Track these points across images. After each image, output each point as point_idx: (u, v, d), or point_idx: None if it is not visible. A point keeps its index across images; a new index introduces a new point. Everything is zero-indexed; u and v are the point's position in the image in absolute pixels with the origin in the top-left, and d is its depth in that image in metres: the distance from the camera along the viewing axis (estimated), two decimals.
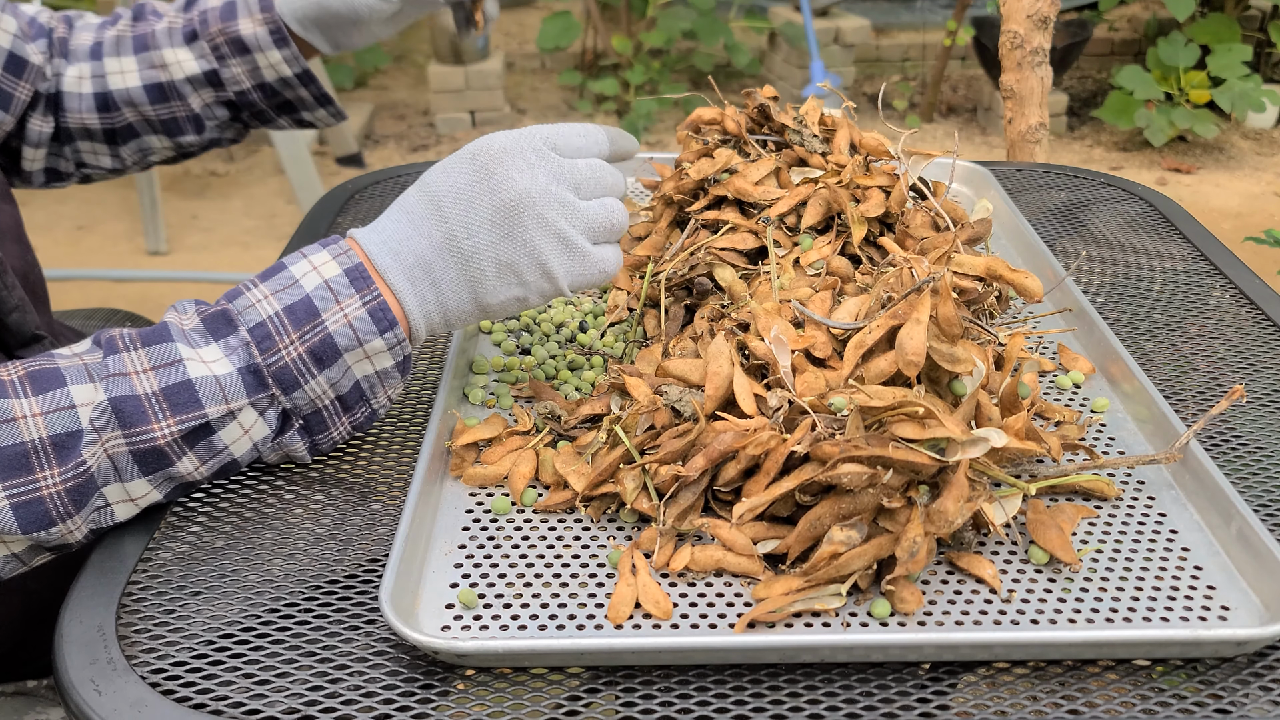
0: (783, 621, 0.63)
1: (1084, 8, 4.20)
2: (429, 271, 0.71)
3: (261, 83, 1.02)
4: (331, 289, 0.69)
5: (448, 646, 0.59)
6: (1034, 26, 1.52)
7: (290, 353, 0.68)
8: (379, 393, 0.73)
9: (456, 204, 0.71)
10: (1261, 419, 0.84)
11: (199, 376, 0.67)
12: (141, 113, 1.01)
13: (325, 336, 0.69)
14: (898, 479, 0.64)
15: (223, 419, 0.68)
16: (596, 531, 0.71)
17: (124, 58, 1.00)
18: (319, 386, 0.70)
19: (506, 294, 0.72)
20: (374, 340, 0.70)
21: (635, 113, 3.75)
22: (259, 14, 0.99)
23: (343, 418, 0.73)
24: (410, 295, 0.71)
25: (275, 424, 0.71)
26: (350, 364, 0.70)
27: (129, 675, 0.60)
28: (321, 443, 0.74)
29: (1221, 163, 3.76)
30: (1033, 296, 0.78)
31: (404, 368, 0.73)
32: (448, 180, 0.72)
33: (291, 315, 0.69)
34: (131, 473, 0.67)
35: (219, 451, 0.70)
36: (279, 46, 0.99)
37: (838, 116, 1.01)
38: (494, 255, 0.71)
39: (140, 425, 0.66)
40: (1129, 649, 0.62)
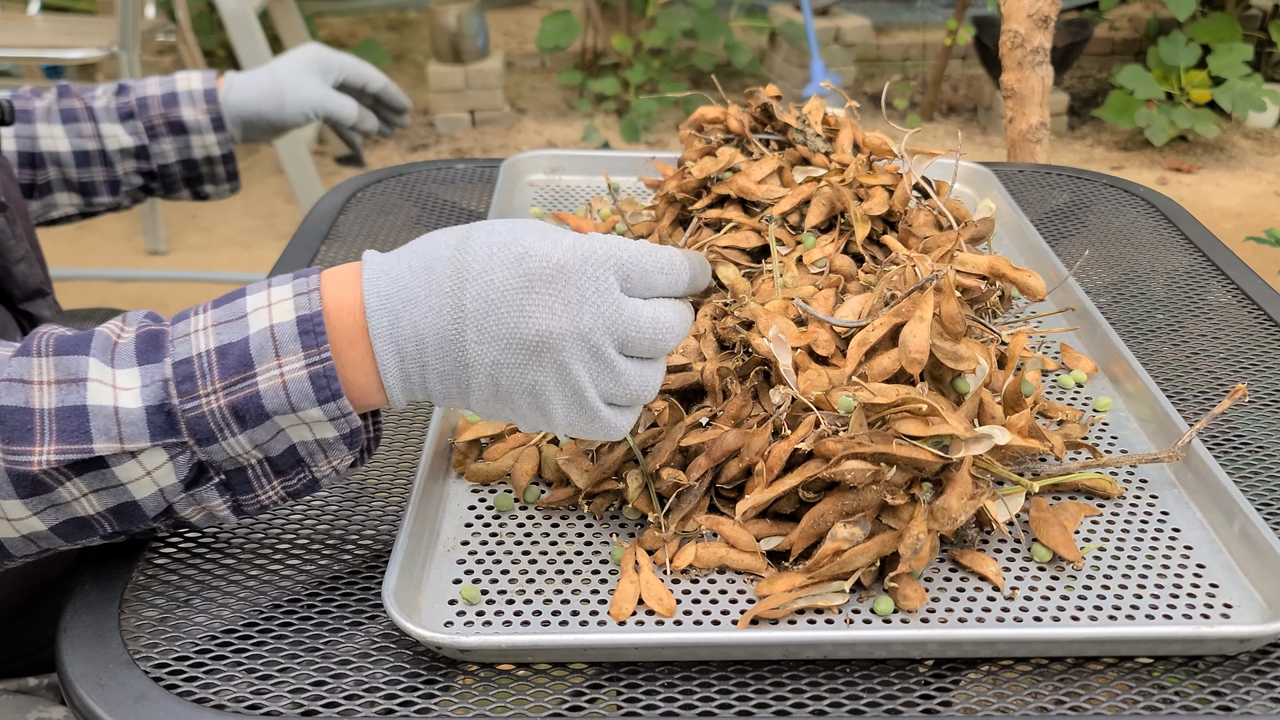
0: (786, 618, 0.63)
1: (1085, 7, 4.20)
2: (422, 354, 0.61)
3: (188, 159, 1.18)
4: (275, 339, 0.59)
5: (451, 642, 0.59)
6: (1035, 26, 1.52)
7: (210, 403, 0.59)
8: (320, 462, 0.63)
9: (480, 300, 0.60)
10: (1263, 418, 0.84)
11: (96, 405, 0.59)
12: (65, 173, 1.14)
13: (252, 394, 0.59)
14: (901, 476, 0.64)
15: (117, 457, 0.59)
16: (599, 528, 0.71)
17: (54, 125, 1.14)
18: (240, 445, 0.60)
19: (493, 411, 0.62)
20: (310, 409, 0.59)
21: (635, 112, 3.75)
22: (203, 104, 1.17)
23: (273, 481, 0.63)
24: (394, 371, 0.61)
25: (187, 473, 0.61)
26: (283, 427, 0.60)
27: (132, 670, 0.60)
28: (247, 505, 0.64)
29: (1222, 162, 3.76)
30: (1035, 295, 0.78)
31: (350, 440, 0.62)
32: (485, 267, 0.60)
33: (222, 359, 0.59)
34: (6, 491, 0.59)
35: (113, 487, 0.60)
36: (215, 131, 1.18)
37: (841, 116, 1.01)
38: (494, 376, 0.60)
39: (20, 444, 0.58)
40: (1131, 646, 0.62)
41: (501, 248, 0.61)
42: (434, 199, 1.19)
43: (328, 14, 4.83)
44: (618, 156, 1.22)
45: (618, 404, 0.63)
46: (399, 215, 1.15)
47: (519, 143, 3.82)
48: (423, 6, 4.85)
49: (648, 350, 0.62)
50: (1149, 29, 4.25)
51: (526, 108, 4.11)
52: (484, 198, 1.20)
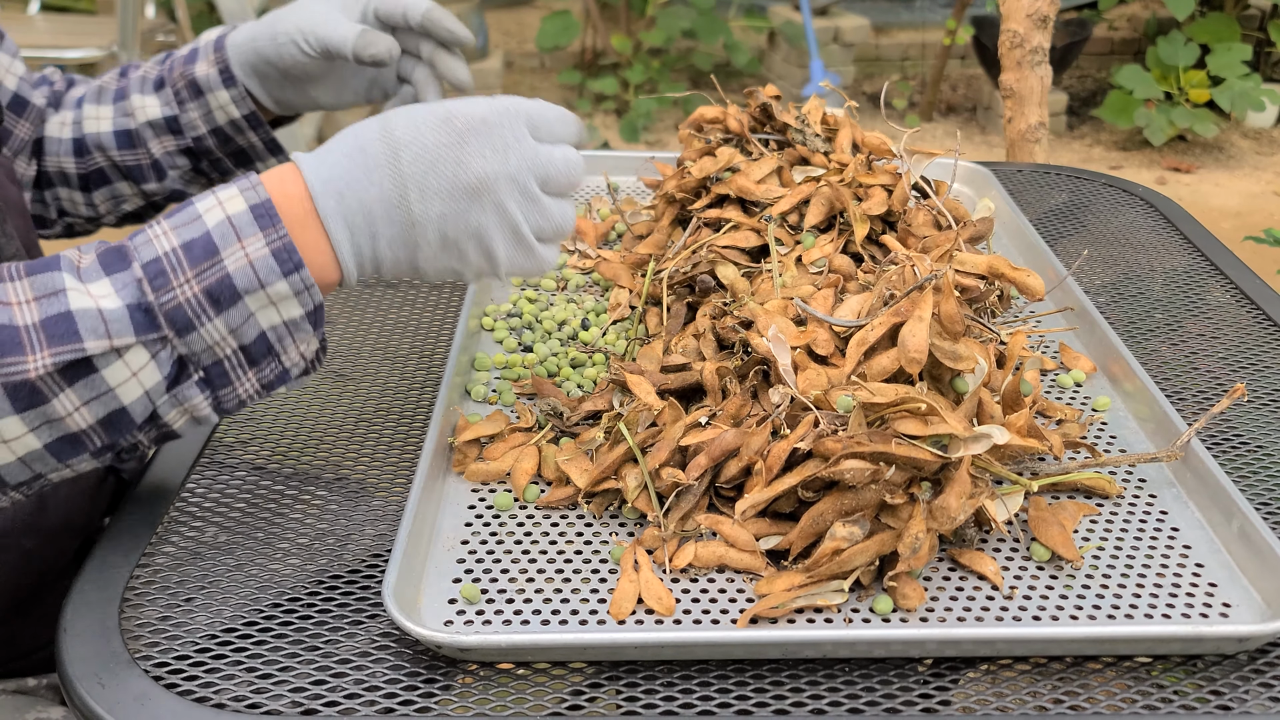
0: (785, 617, 0.63)
1: (1084, 7, 4.20)
2: (370, 222, 0.67)
3: (215, 127, 1.01)
4: (234, 226, 0.64)
5: (450, 641, 0.59)
6: (1034, 26, 1.52)
7: (184, 291, 0.63)
8: (289, 347, 0.67)
9: (417, 163, 0.67)
10: (1262, 418, 0.84)
11: (80, 308, 0.62)
12: (110, 158, 1.02)
13: (223, 276, 0.63)
14: (900, 475, 0.64)
15: (105, 356, 0.62)
16: (599, 527, 0.71)
17: (102, 105, 1.02)
18: (217, 331, 0.64)
19: (443, 264, 0.70)
20: (277, 284, 0.64)
21: (635, 112, 3.75)
22: (212, 54, 0.99)
23: (249, 373, 0.66)
24: (346, 245, 0.67)
25: (169, 370, 0.64)
26: (254, 310, 0.64)
27: (132, 669, 0.60)
28: (226, 399, 0.67)
29: (1221, 162, 3.76)
30: (1034, 295, 0.78)
31: (315, 319, 0.67)
32: (415, 134, 0.68)
33: (189, 252, 0.63)
34: (3, 408, 0.61)
35: (103, 393, 0.63)
36: (226, 86, 0.99)
37: (840, 115, 1.01)
38: (441, 228, 0.68)
39: (13, 356, 0.61)
40: (1130, 645, 0.62)
41: (424, 116, 0.68)
42: None
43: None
44: (617, 156, 1.22)
45: (545, 239, 0.72)
46: None
47: None
48: None
49: (564, 187, 0.71)
50: (1148, 29, 4.25)
51: None
52: None
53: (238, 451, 0.79)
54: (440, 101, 0.70)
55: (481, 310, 0.94)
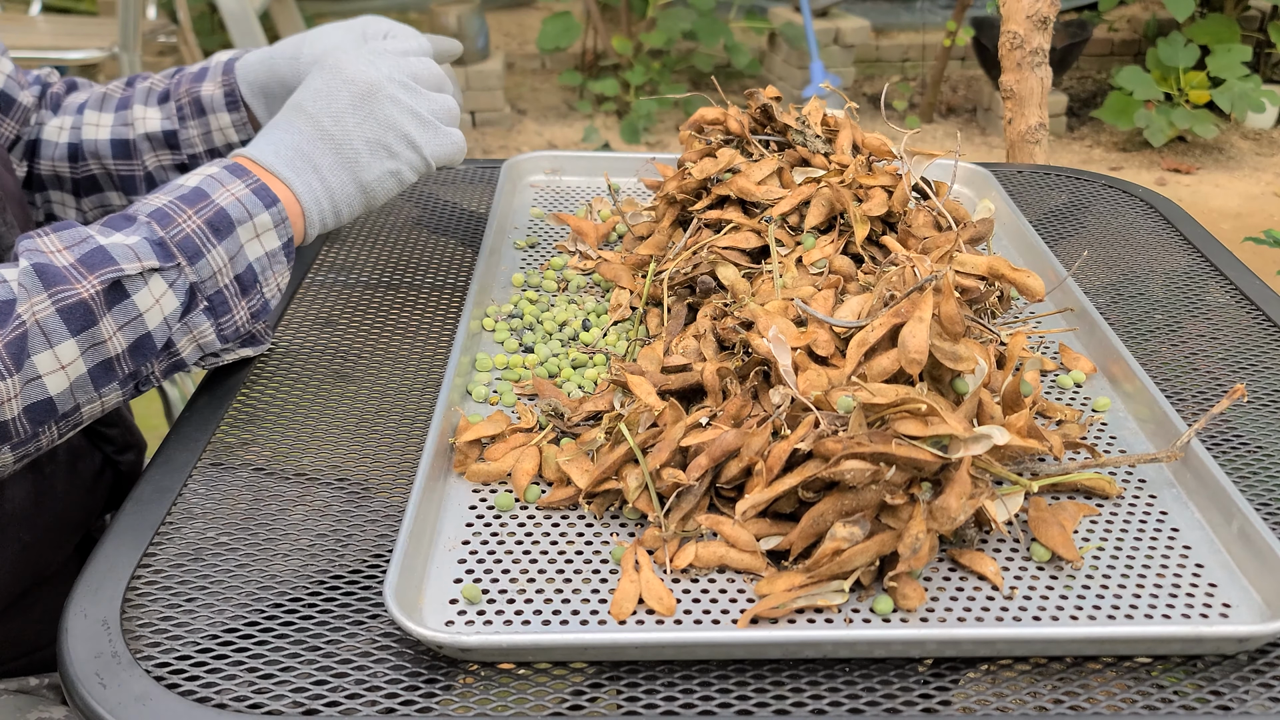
0: (785, 617, 0.63)
1: (1084, 8, 4.20)
2: (308, 159, 0.82)
3: (212, 148, 1.03)
4: (216, 179, 0.79)
5: (451, 641, 0.60)
6: (1034, 27, 1.52)
7: (189, 224, 0.76)
8: (269, 278, 0.81)
9: (317, 100, 0.84)
10: (1262, 418, 0.84)
11: (109, 243, 0.73)
12: (105, 166, 1.03)
13: (219, 210, 0.77)
14: (900, 476, 0.64)
15: (136, 279, 0.73)
16: (600, 528, 0.71)
17: (104, 113, 1.04)
18: (220, 258, 0.77)
19: (381, 167, 0.85)
20: (261, 214, 0.79)
21: (635, 113, 3.75)
22: (220, 76, 1.01)
23: (241, 301, 0.80)
24: (296, 181, 0.81)
25: (183, 298, 0.76)
26: (243, 241, 0.78)
27: (134, 669, 0.60)
28: (225, 326, 0.79)
29: (1221, 163, 3.77)
30: (1034, 296, 0.78)
31: (288, 251, 0.81)
32: (305, 89, 0.85)
33: (184, 199, 0.77)
34: (59, 335, 0.70)
35: (133, 318, 0.73)
36: (229, 110, 1.01)
37: (840, 117, 1.01)
38: (362, 134, 0.84)
39: (63, 284, 0.70)
40: (1130, 646, 0.62)
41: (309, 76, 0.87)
42: (434, 199, 1.20)
43: (329, 15, 4.83)
44: (618, 157, 1.23)
45: (445, 122, 0.89)
46: (399, 215, 1.15)
47: (519, 144, 3.82)
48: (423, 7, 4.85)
49: (433, 82, 0.89)
50: (1148, 30, 4.25)
51: (527, 109, 4.11)
52: (484, 199, 1.20)
53: (239, 452, 0.79)
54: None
55: (482, 311, 0.94)
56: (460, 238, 1.11)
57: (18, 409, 0.70)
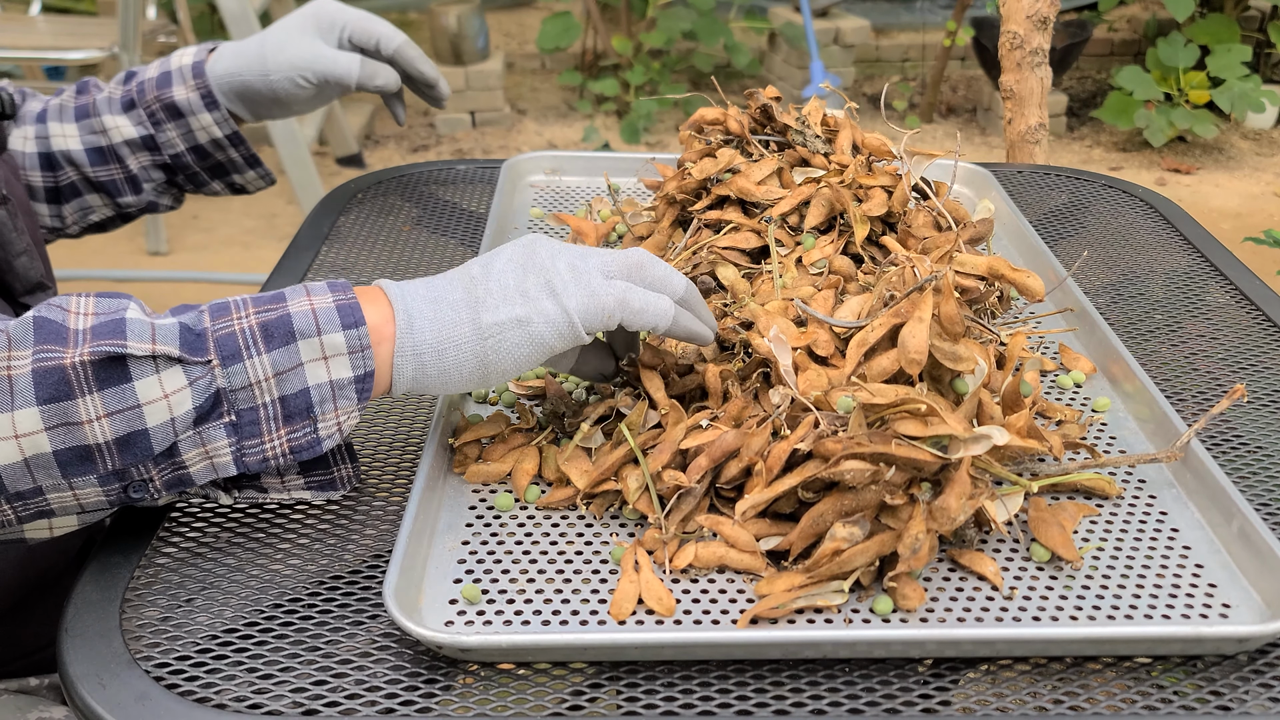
0: (785, 618, 0.63)
1: (1083, 8, 4.20)
2: (431, 291, 0.69)
3: (195, 145, 1.05)
4: (307, 288, 0.68)
5: (451, 641, 0.60)
6: (1033, 27, 1.52)
7: (241, 322, 0.64)
8: (329, 412, 0.66)
9: (480, 259, 0.71)
10: (1262, 419, 0.84)
11: (134, 319, 0.63)
12: (83, 173, 1.05)
13: (283, 315, 0.65)
14: (900, 476, 0.64)
15: (142, 363, 0.61)
16: (599, 528, 0.71)
17: (66, 124, 1.04)
18: (262, 367, 0.64)
19: (507, 312, 0.67)
20: (334, 334, 0.65)
21: (635, 113, 3.75)
22: (191, 80, 1.03)
23: (281, 428, 0.65)
24: (401, 303, 0.68)
25: (202, 400, 0.63)
26: (303, 359, 0.64)
27: (133, 670, 0.60)
28: (249, 451, 0.65)
29: (1221, 163, 3.76)
30: (1034, 296, 0.78)
31: (363, 386, 0.66)
32: (481, 258, 0.72)
33: (257, 299, 0.66)
34: (24, 398, 0.60)
35: (129, 407, 0.61)
36: (209, 109, 1.03)
37: (840, 117, 1.01)
38: (502, 279, 0.69)
39: (53, 344, 0.61)
40: (1130, 646, 0.62)
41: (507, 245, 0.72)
42: (434, 200, 1.20)
43: None
44: (618, 157, 1.23)
45: (613, 276, 0.70)
46: (399, 216, 1.15)
47: (519, 144, 3.82)
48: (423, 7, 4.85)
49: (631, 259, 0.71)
50: (1148, 30, 4.25)
51: (527, 109, 4.11)
52: (484, 199, 1.20)
53: None
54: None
55: None
56: (460, 238, 1.11)
57: None
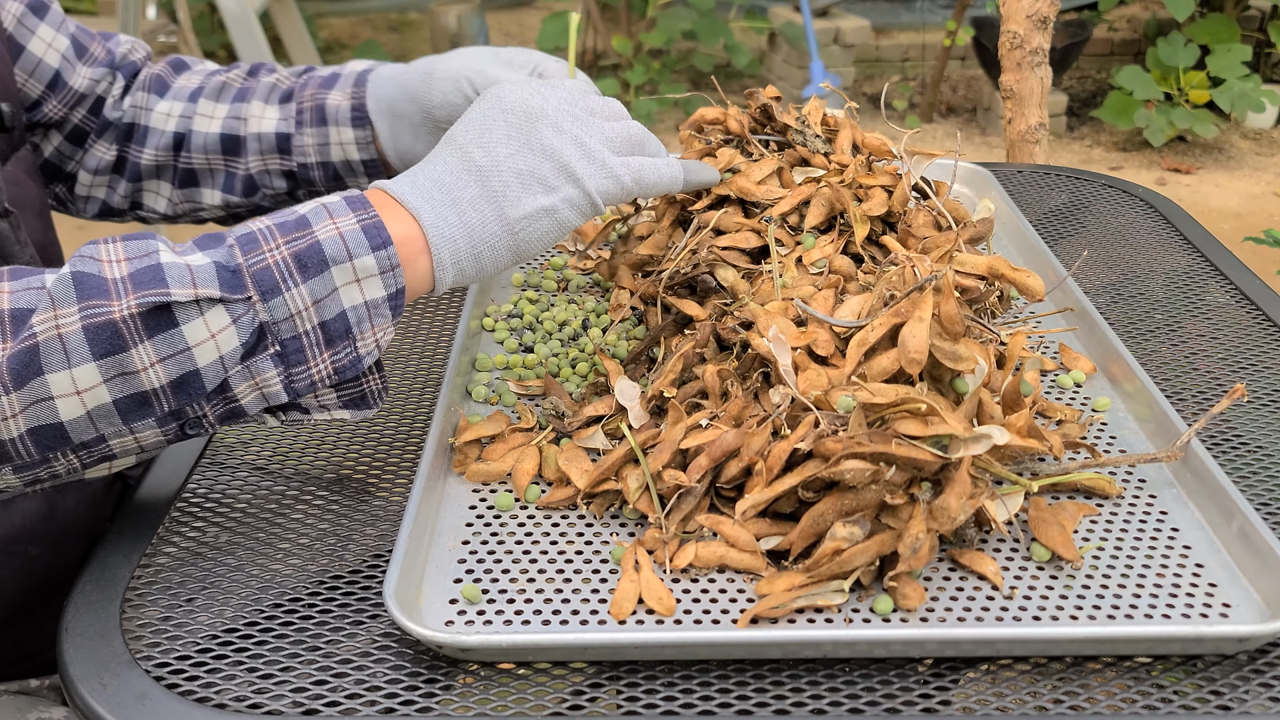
0: (785, 617, 0.63)
1: (1083, 8, 4.20)
2: (447, 191, 0.69)
3: (326, 160, 0.98)
4: (327, 208, 0.67)
5: (451, 641, 0.60)
6: (1033, 27, 1.52)
7: (274, 255, 0.64)
8: (366, 331, 0.67)
9: (469, 130, 0.71)
10: (1262, 418, 0.84)
11: (170, 262, 0.63)
12: (209, 160, 1.00)
13: (313, 243, 0.65)
14: (900, 476, 0.64)
15: (187, 308, 0.62)
16: (599, 528, 0.71)
17: (220, 104, 1.00)
18: (301, 298, 0.64)
19: (532, 203, 0.69)
20: (365, 256, 0.65)
21: (635, 113, 3.75)
22: (350, 89, 0.97)
23: (324, 352, 0.66)
24: (428, 213, 0.68)
25: (248, 337, 0.64)
26: (338, 284, 0.65)
27: (133, 669, 0.60)
28: (298, 377, 0.66)
29: (1221, 163, 3.77)
30: (1034, 296, 0.78)
31: (395, 303, 0.67)
32: (461, 120, 0.73)
33: (282, 227, 0.66)
34: (80, 355, 0.61)
35: (180, 351, 0.62)
36: (354, 125, 0.96)
37: (840, 117, 1.01)
38: (514, 165, 0.69)
39: (98, 299, 0.61)
40: (1130, 645, 0.62)
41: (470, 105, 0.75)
42: None
43: (329, 15, 4.83)
44: None
45: (620, 151, 0.73)
46: None
47: None
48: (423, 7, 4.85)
49: (610, 114, 0.75)
50: (1148, 30, 4.25)
51: None
52: None
53: (239, 452, 0.79)
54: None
55: (482, 311, 0.94)
56: None
57: (19, 429, 0.63)
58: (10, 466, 0.64)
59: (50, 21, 0.99)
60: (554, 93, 0.73)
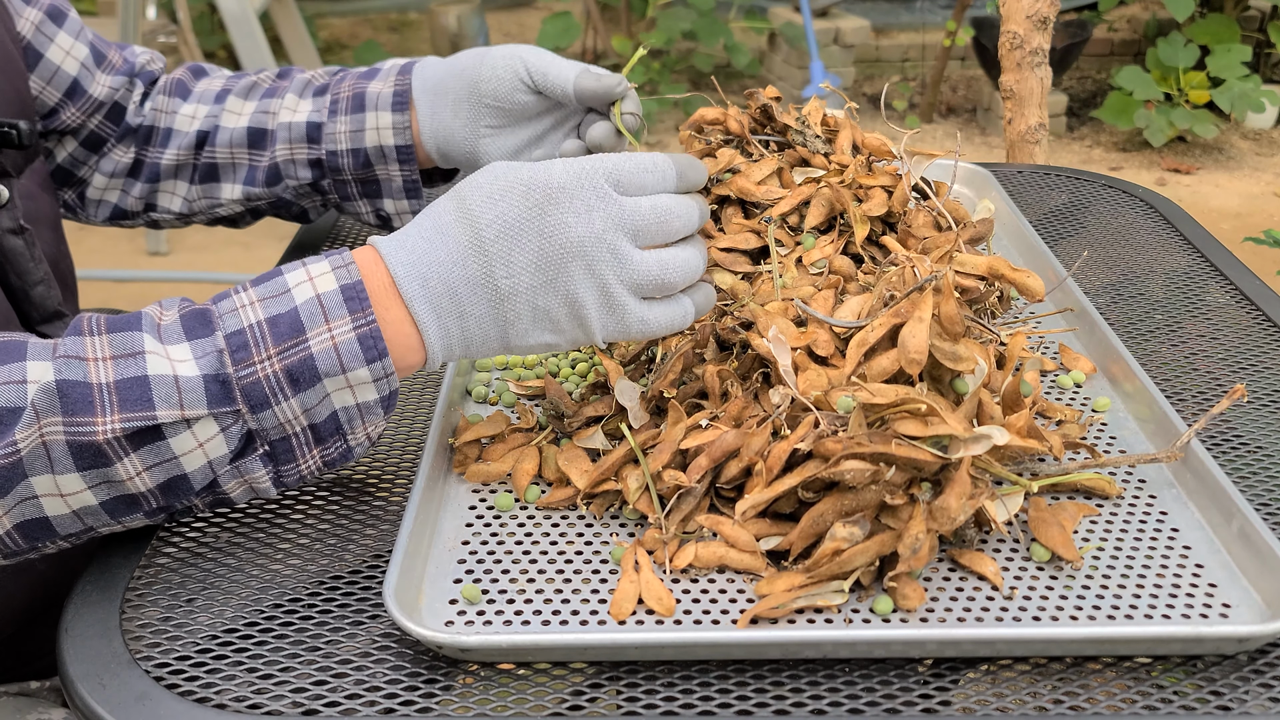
0: (785, 618, 0.63)
1: (1083, 8, 4.20)
2: (458, 304, 0.66)
3: (358, 147, 0.97)
4: (323, 306, 0.64)
5: (451, 641, 0.60)
6: (1033, 27, 1.52)
7: (265, 368, 0.63)
8: (357, 428, 0.67)
9: (500, 240, 0.66)
10: (1262, 418, 0.84)
11: (157, 374, 0.62)
12: (232, 154, 1.00)
13: (306, 357, 0.63)
14: (900, 476, 0.64)
15: (175, 425, 0.62)
16: (599, 528, 0.71)
17: (249, 101, 1.00)
18: (291, 410, 0.64)
19: (537, 339, 0.68)
20: (359, 369, 0.64)
21: None
22: (394, 76, 0.97)
23: (313, 451, 0.67)
24: (434, 328, 0.66)
25: (236, 444, 0.64)
26: (329, 391, 0.64)
27: (133, 670, 0.60)
28: (287, 475, 0.67)
29: (1221, 163, 3.77)
30: (1034, 296, 0.78)
31: (388, 404, 0.67)
32: (494, 211, 0.66)
33: (274, 328, 0.63)
34: (65, 465, 0.61)
35: (166, 460, 0.63)
36: (394, 110, 0.95)
37: (840, 117, 1.01)
38: (532, 300, 0.66)
39: (82, 415, 0.61)
40: (1130, 646, 0.62)
41: (502, 189, 0.67)
42: (434, 199, 1.19)
43: (329, 15, 4.83)
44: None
45: (647, 295, 0.69)
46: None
47: None
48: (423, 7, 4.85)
49: (659, 236, 0.68)
50: (1147, 30, 4.25)
51: None
52: None
53: None
54: (513, 166, 0.68)
55: None
56: None
57: (6, 526, 0.64)
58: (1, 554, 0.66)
59: (69, 29, 0.99)
60: (601, 209, 0.66)
